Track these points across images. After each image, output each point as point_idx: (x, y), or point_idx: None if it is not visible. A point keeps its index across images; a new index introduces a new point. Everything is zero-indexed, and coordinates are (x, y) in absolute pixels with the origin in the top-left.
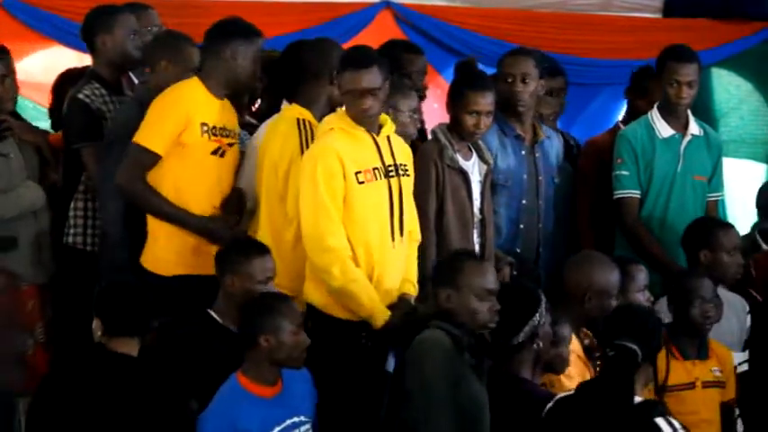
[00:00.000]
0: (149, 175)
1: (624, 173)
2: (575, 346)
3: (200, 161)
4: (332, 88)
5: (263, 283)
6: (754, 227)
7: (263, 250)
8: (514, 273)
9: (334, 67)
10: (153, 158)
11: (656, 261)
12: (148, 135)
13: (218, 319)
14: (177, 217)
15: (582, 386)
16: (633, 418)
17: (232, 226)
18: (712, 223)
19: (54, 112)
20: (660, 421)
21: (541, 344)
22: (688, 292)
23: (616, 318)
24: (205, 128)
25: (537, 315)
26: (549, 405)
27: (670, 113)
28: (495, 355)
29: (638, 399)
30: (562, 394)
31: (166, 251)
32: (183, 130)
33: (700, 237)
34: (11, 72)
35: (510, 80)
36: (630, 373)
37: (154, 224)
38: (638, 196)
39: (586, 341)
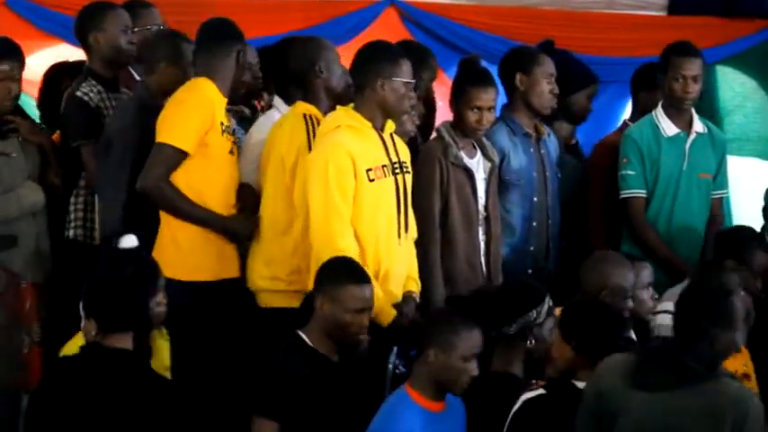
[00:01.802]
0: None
1: (630, 173)
2: None
3: (220, 160)
4: (322, 81)
5: (355, 313)
6: (764, 228)
7: (361, 279)
8: (529, 271)
9: (314, 61)
10: (181, 157)
11: (663, 260)
12: (177, 134)
13: (306, 340)
14: (202, 217)
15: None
16: None
17: (254, 223)
18: (744, 237)
19: (43, 105)
20: None
21: (534, 342)
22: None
23: (609, 315)
24: (223, 127)
25: (534, 312)
26: (516, 407)
27: (675, 111)
28: (487, 345)
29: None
30: (530, 395)
31: (189, 257)
32: (209, 129)
33: (726, 247)
34: (10, 77)
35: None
36: None
37: (176, 229)
38: (645, 196)
39: None
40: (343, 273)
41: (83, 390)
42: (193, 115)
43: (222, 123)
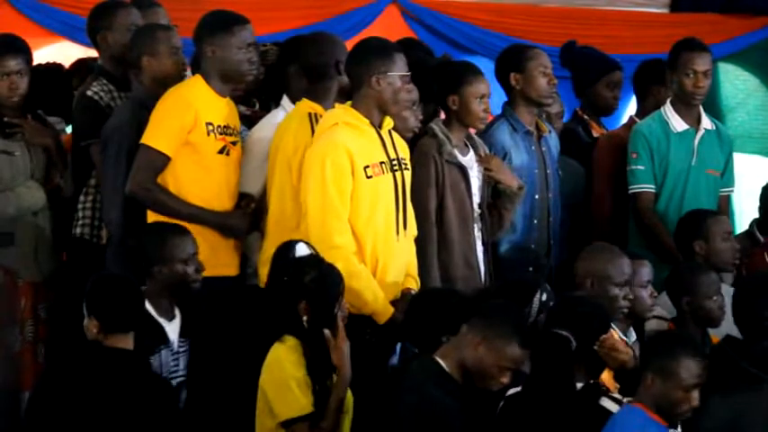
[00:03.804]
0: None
1: (639, 167)
2: None
3: (208, 160)
4: (341, 79)
5: (503, 369)
6: (753, 223)
7: (524, 342)
8: (530, 269)
9: (339, 59)
10: (164, 160)
11: (673, 255)
12: (157, 136)
13: (444, 366)
14: (196, 215)
15: (527, 380)
16: (578, 404)
17: (251, 218)
18: (702, 214)
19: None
20: (605, 401)
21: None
22: (704, 285)
23: (556, 307)
24: (210, 127)
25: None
26: (501, 403)
27: (683, 107)
28: None
29: (578, 385)
30: (511, 391)
31: None
32: (191, 129)
33: (692, 229)
34: (18, 71)
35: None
36: (564, 359)
37: None
38: (654, 191)
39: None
40: (510, 327)
41: (82, 389)
42: (171, 117)
43: (211, 123)
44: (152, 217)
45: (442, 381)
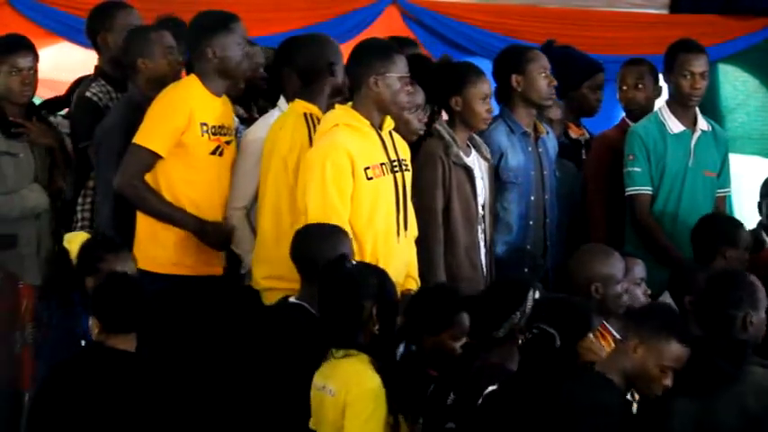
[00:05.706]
0: (147, 176)
1: (636, 169)
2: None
3: (200, 161)
4: (333, 80)
5: (666, 370)
6: (759, 225)
7: (686, 339)
8: (525, 270)
9: (331, 60)
10: (154, 159)
11: (670, 257)
12: (150, 135)
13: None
14: (176, 217)
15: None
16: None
17: (227, 233)
18: (734, 222)
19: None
20: None
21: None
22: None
23: (540, 305)
24: (204, 128)
25: (517, 313)
26: (479, 401)
27: (680, 109)
28: (483, 346)
29: None
30: (490, 388)
31: (166, 250)
32: (185, 130)
33: (722, 234)
34: (29, 68)
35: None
36: (548, 355)
37: (153, 222)
38: (651, 193)
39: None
40: (667, 325)
41: (83, 390)
42: (167, 116)
43: (205, 124)
44: (141, 219)
45: (608, 384)
